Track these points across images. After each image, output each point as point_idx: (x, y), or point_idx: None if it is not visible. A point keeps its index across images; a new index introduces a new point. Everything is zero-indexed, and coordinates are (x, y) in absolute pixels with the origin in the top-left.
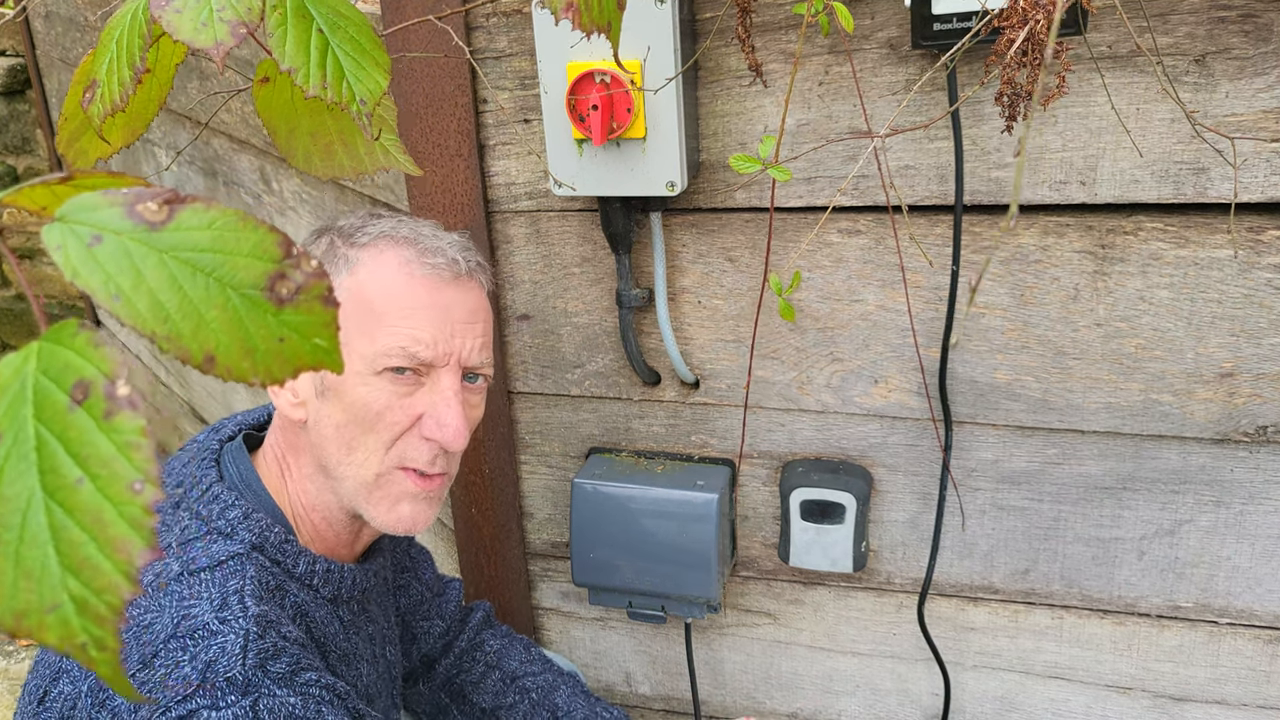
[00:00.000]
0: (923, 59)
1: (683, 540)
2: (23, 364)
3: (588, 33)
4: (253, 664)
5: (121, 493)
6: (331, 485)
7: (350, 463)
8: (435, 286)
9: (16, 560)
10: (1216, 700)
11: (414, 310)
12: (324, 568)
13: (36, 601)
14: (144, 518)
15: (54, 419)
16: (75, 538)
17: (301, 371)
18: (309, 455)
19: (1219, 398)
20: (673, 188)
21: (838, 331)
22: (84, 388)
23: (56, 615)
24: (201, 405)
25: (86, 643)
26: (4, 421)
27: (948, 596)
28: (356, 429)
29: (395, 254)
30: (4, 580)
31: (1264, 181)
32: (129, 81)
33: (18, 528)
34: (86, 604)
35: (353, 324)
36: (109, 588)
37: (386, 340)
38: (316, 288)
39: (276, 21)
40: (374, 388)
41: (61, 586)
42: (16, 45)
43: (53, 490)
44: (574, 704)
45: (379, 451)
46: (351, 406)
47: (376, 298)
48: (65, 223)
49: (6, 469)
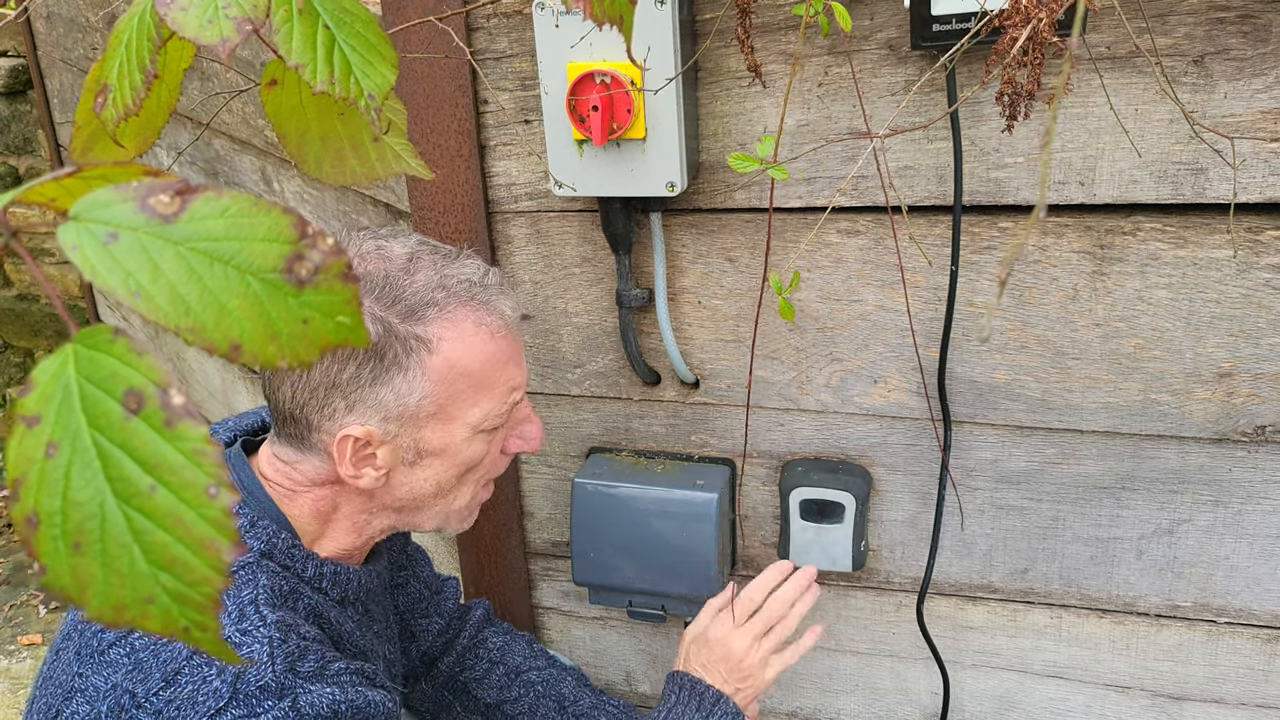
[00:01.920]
0: (922, 60)
1: (683, 540)
2: (60, 370)
3: (600, 23)
4: (282, 668)
5: (198, 497)
6: (402, 518)
7: (444, 501)
8: (510, 337)
9: (104, 560)
10: (1215, 699)
11: (505, 365)
12: (331, 570)
13: (132, 595)
14: (224, 519)
15: (111, 428)
16: (159, 539)
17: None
18: (374, 502)
19: (1217, 398)
20: (673, 188)
21: (837, 331)
22: (137, 397)
23: (156, 605)
24: (202, 404)
25: (189, 626)
26: (57, 430)
27: (947, 596)
28: (457, 478)
29: (468, 318)
30: (95, 579)
31: (1262, 182)
32: (140, 85)
33: (97, 531)
34: (183, 594)
35: (458, 399)
36: (203, 580)
37: (494, 403)
38: (335, 265)
39: (283, 18)
40: (479, 441)
41: (154, 581)
42: (18, 46)
43: (126, 497)
44: (580, 694)
45: (476, 486)
46: (457, 465)
47: (474, 368)
48: (80, 221)
49: (73, 476)
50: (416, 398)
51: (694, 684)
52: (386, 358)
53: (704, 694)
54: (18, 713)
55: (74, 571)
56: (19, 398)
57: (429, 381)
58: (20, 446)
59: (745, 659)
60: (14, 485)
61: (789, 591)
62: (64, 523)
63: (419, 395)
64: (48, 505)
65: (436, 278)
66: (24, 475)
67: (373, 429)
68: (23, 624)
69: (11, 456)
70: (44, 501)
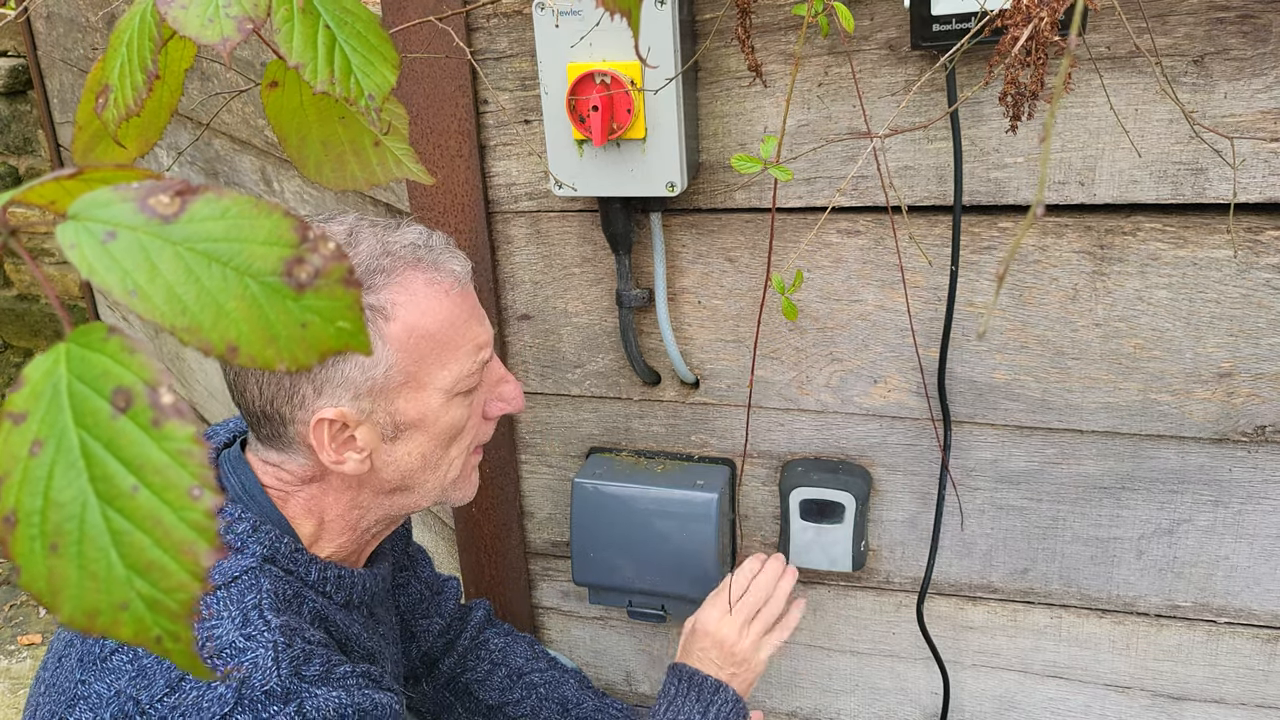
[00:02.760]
0: (922, 60)
1: (683, 540)
2: (52, 367)
3: (610, 11)
4: (287, 672)
5: (180, 499)
6: (395, 501)
7: (435, 475)
8: (465, 293)
9: (80, 563)
10: (1215, 699)
11: (466, 322)
12: (335, 574)
13: (106, 600)
14: (206, 521)
15: (97, 426)
16: (137, 541)
17: (327, 355)
18: (364, 490)
19: (1217, 398)
20: (672, 188)
21: (837, 331)
22: (125, 395)
23: (129, 613)
24: (202, 405)
25: (161, 636)
26: (44, 428)
27: (947, 596)
28: (442, 449)
29: (418, 279)
30: (69, 582)
31: (1262, 182)
32: (142, 85)
33: (76, 533)
34: (157, 602)
35: (425, 363)
36: (179, 587)
37: (462, 363)
38: (336, 270)
39: (283, 18)
40: (456, 406)
41: (128, 586)
42: (18, 46)
43: (108, 497)
44: (583, 697)
45: (465, 453)
46: (439, 434)
47: (434, 329)
48: (78, 220)
49: (56, 475)
50: (383, 368)
51: (692, 674)
52: None
53: (703, 684)
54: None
55: (49, 574)
56: (9, 394)
57: (392, 350)
58: (6, 444)
59: (737, 644)
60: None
61: (771, 572)
62: (43, 523)
63: (385, 365)
64: (28, 504)
65: (379, 246)
66: (7, 473)
67: (345, 409)
68: (23, 624)
69: None
70: (25, 500)
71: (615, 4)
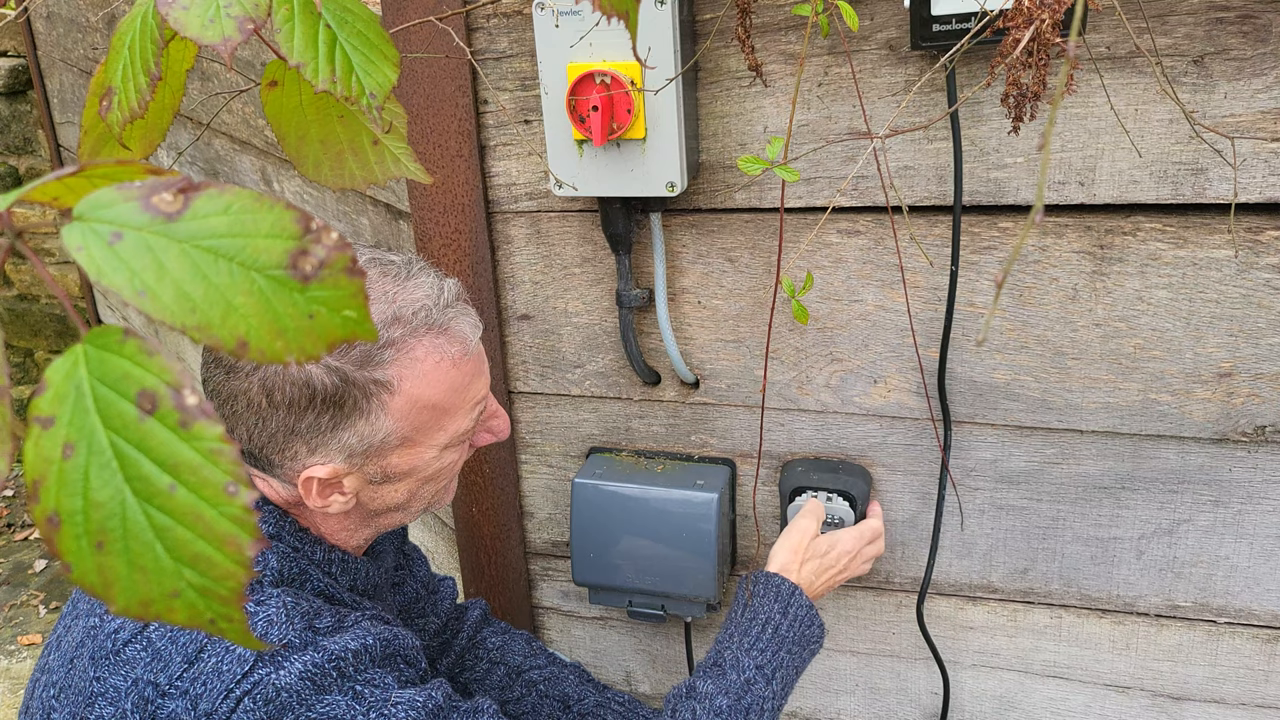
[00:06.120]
0: (922, 60)
1: (683, 540)
2: (72, 370)
3: (607, 15)
4: (301, 626)
5: (218, 496)
6: (382, 521)
7: (420, 501)
8: (473, 359)
9: (127, 558)
10: (1214, 699)
11: (469, 386)
12: (340, 557)
13: (158, 590)
14: (245, 515)
15: (126, 429)
16: (181, 536)
17: (335, 345)
18: (349, 518)
19: (1217, 398)
20: (673, 188)
21: (837, 331)
22: (150, 398)
23: (182, 600)
24: None
25: (214, 619)
26: (72, 432)
27: (946, 595)
28: (430, 485)
29: (428, 354)
30: (120, 576)
31: (1262, 182)
32: (145, 87)
33: (119, 530)
34: (208, 589)
35: (424, 429)
36: (227, 575)
37: (460, 421)
38: (340, 260)
39: (284, 17)
40: (450, 453)
41: (178, 576)
42: (18, 46)
43: (146, 496)
44: (584, 692)
45: (451, 479)
46: (428, 476)
47: (438, 399)
48: (84, 222)
49: (91, 476)
50: (381, 435)
51: (769, 577)
52: (346, 405)
53: (780, 586)
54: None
55: (99, 569)
56: (33, 398)
57: (392, 420)
58: (37, 447)
59: (856, 554)
60: (34, 486)
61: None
62: (85, 522)
63: (383, 434)
64: (69, 505)
65: (390, 311)
66: (43, 476)
67: (338, 466)
68: (23, 624)
69: (29, 458)
70: (64, 502)
71: (613, 6)
